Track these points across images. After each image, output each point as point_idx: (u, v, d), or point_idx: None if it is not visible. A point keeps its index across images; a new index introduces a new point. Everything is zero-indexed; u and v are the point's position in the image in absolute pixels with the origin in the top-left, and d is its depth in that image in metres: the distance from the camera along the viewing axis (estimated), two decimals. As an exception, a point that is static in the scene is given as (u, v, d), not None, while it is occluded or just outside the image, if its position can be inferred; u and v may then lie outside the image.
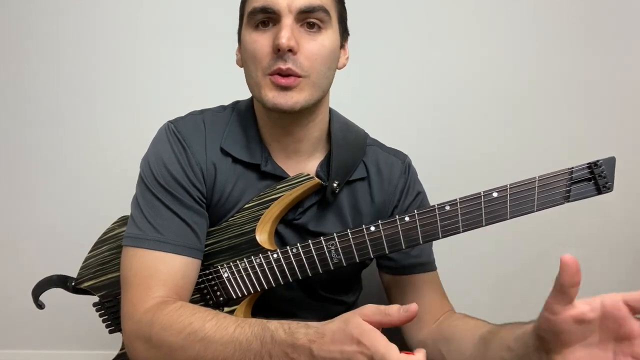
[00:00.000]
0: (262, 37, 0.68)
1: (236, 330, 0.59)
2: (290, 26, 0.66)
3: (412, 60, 1.42)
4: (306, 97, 0.68)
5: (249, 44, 0.69)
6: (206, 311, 0.64)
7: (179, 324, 0.61)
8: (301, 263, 0.71)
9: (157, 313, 0.64)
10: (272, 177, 0.75)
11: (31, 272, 0.92)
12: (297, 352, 0.54)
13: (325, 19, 0.69)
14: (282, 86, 0.66)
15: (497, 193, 0.65)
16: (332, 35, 0.71)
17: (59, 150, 1.48)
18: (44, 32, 1.40)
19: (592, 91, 1.43)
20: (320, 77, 0.70)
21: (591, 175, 0.64)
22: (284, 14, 0.66)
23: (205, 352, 0.59)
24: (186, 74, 1.43)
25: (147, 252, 0.69)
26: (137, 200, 0.73)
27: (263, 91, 0.68)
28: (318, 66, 0.68)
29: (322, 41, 0.69)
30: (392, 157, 0.83)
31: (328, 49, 0.69)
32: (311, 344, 0.53)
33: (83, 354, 1.59)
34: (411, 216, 0.67)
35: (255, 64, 0.68)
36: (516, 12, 1.39)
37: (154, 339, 0.63)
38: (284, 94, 0.67)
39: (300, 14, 0.66)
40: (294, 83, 0.67)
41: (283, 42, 0.64)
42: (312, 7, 0.66)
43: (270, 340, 0.56)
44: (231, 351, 0.58)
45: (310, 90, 0.69)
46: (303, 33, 0.68)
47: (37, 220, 1.53)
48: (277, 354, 0.54)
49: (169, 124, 0.76)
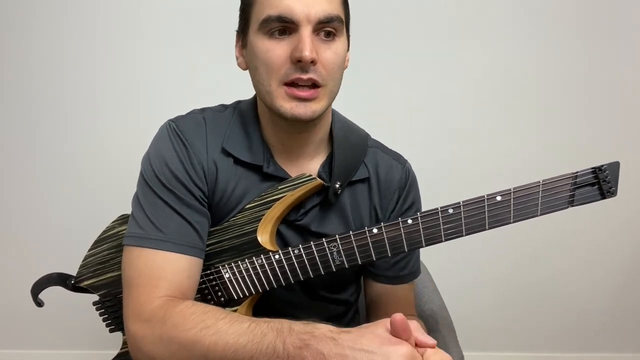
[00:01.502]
0: (277, 46, 0.66)
1: (251, 325, 0.58)
2: (310, 37, 0.64)
3: (415, 62, 1.41)
4: (323, 106, 0.68)
5: (262, 52, 0.67)
6: (219, 310, 0.64)
7: (192, 321, 0.61)
8: (303, 264, 0.71)
9: (168, 311, 0.63)
10: (274, 178, 0.75)
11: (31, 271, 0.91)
12: (316, 339, 0.53)
13: (340, 28, 0.68)
14: (301, 98, 0.66)
15: (501, 197, 0.65)
16: (344, 42, 0.70)
17: (59, 149, 1.47)
18: (45, 33, 1.39)
19: (597, 95, 1.43)
20: (336, 85, 0.70)
21: (595, 180, 0.64)
22: (302, 25, 0.64)
23: (216, 347, 0.58)
24: (187, 73, 1.42)
25: (151, 252, 0.68)
26: (138, 199, 0.72)
27: (277, 101, 0.67)
28: (334, 74, 0.68)
29: (336, 49, 0.68)
30: (392, 160, 0.83)
31: (341, 57, 0.69)
32: (333, 334, 0.53)
33: (83, 354, 1.60)
34: (414, 219, 0.67)
35: (270, 73, 0.67)
36: (521, 15, 1.38)
37: (164, 337, 0.62)
38: (303, 104, 0.66)
39: (318, 24, 0.65)
40: (314, 95, 0.66)
41: (307, 55, 0.63)
42: (331, 17, 0.65)
43: (287, 330, 0.56)
44: (243, 343, 0.57)
45: (327, 98, 0.69)
46: (320, 42, 0.66)
47: (36, 218, 1.52)
48: (292, 342, 0.54)
49: (170, 122, 0.76)
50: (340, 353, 0.52)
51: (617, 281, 1.58)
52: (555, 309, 1.61)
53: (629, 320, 1.63)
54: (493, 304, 1.61)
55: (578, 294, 1.60)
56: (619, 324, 1.63)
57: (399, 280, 0.83)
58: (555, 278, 1.59)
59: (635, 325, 1.63)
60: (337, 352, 0.52)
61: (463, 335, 0.94)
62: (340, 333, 0.53)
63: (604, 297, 1.60)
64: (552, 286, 1.59)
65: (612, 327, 1.63)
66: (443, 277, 1.13)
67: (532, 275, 1.58)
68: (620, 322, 1.63)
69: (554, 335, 1.64)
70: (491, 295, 1.60)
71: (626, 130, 1.45)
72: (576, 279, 1.59)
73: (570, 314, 1.62)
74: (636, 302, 1.61)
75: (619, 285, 1.59)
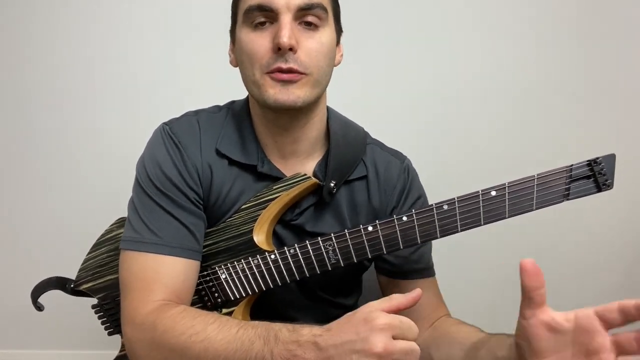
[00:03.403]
0: (259, 36, 0.67)
1: (239, 332, 0.58)
2: (289, 24, 0.65)
3: (410, 58, 1.41)
4: (307, 94, 0.68)
5: (245, 43, 0.68)
6: (208, 314, 0.64)
7: (182, 326, 0.61)
8: (299, 264, 0.70)
9: (159, 316, 0.64)
10: (269, 178, 0.74)
11: (30, 272, 0.92)
12: (302, 348, 0.53)
13: (323, 16, 0.68)
14: (283, 81, 0.66)
15: (496, 192, 0.64)
16: (330, 33, 0.70)
17: (57, 151, 1.48)
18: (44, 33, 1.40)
19: (591, 88, 1.41)
20: (321, 74, 0.69)
21: (591, 173, 0.63)
22: (282, 12, 0.65)
23: (206, 353, 0.58)
24: (184, 75, 1.42)
25: (146, 256, 0.68)
26: (134, 203, 0.73)
27: (263, 89, 0.67)
28: (318, 63, 0.68)
29: (320, 38, 0.68)
30: (390, 156, 0.82)
31: (326, 46, 0.69)
32: (316, 338, 0.53)
33: (83, 354, 1.60)
34: (409, 216, 0.67)
35: (253, 63, 0.67)
36: (516, 10, 1.37)
37: (156, 341, 0.62)
38: (285, 89, 0.66)
39: (298, 12, 0.65)
40: (295, 77, 0.66)
41: (284, 41, 0.63)
42: (311, 4, 0.66)
43: (274, 339, 0.55)
44: (232, 351, 0.57)
45: (311, 86, 0.68)
46: (302, 31, 0.67)
47: (35, 221, 1.53)
48: (279, 352, 0.54)
49: (164, 126, 0.76)
50: (326, 357, 0.51)
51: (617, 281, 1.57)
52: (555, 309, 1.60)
53: (628, 320, 1.62)
54: (493, 304, 1.60)
55: (578, 294, 1.59)
56: (618, 324, 1.62)
57: (417, 274, 0.80)
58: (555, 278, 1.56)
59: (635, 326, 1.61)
60: (323, 357, 0.51)
61: (463, 335, 0.93)
62: (322, 334, 0.53)
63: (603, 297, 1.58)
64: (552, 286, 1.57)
65: (611, 328, 1.62)
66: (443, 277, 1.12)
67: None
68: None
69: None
70: (491, 296, 1.59)
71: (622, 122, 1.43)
72: (576, 279, 1.57)
73: (569, 314, 1.61)
74: (636, 302, 1.60)
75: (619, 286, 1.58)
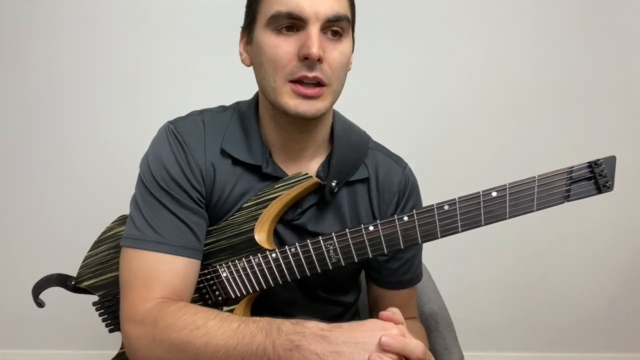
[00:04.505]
0: (285, 42, 0.66)
1: (240, 326, 0.59)
2: (317, 35, 0.65)
3: (412, 60, 1.42)
4: (327, 105, 0.69)
5: (269, 47, 0.67)
6: (209, 311, 0.64)
7: (183, 321, 0.62)
8: (300, 263, 0.71)
9: (160, 312, 0.64)
10: (273, 178, 0.75)
11: (31, 271, 0.92)
12: (306, 339, 0.53)
13: (347, 28, 0.68)
14: (307, 96, 0.66)
15: (496, 192, 0.65)
16: (349, 43, 0.71)
17: (59, 149, 1.48)
18: (45, 33, 1.40)
19: (592, 90, 1.43)
20: (339, 85, 0.70)
21: (591, 175, 0.64)
22: (311, 22, 0.64)
23: (207, 347, 0.59)
24: (188, 73, 1.43)
25: (147, 254, 0.69)
26: (136, 200, 0.73)
27: (282, 98, 0.67)
28: (339, 74, 0.69)
29: (342, 49, 0.68)
30: (392, 162, 0.83)
31: (347, 57, 0.70)
32: (324, 332, 0.53)
33: (83, 354, 1.60)
34: (410, 216, 0.67)
35: (276, 70, 0.66)
36: (517, 12, 1.39)
37: (157, 338, 0.63)
38: (307, 102, 0.66)
39: (326, 23, 0.65)
40: (319, 93, 0.66)
41: (314, 52, 0.63)
42: (339, 16, 0.66)
43: (276, 331, 0.56)
44: (233, 344, 0.57)
45: (331, 97, 0.69)
46: (327, 41, 0.67)
47: (36, 219, 1.53)
48: (281, 343, 0.54)
49: (168, 125, 0.76)
50: (335, 350, 0.51)
51: (617, 281, 1.57)
52: (555, 309, 1.60)
53: (629, 320, 1.61)
54: (493, 304, 1.60)
55: (578, 294, 1.59)
56: (618, 324, 1.62)
57: (402, 285, 0.84)
58: (555, 278, 1.58)
59: (635, 326, 1.61)
60: (332, 350, 0.52)
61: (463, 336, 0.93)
62: (332, 330, 0.53)
63: (604, 297, 1.59)
64: (552, 286, 1.59)
65: (612, 328, 1.62)
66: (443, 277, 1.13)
67: (532, 276, 1.57)
68: (620, 323, 1.62)
69: (553, 336, 1.63)
70: (491, 296, 1.59)
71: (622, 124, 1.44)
72: (576, 279, 1.58)
73: (570, 314, 1.61)
74: (636, 302, 1.60)
75: (619, 286, 1.58)
